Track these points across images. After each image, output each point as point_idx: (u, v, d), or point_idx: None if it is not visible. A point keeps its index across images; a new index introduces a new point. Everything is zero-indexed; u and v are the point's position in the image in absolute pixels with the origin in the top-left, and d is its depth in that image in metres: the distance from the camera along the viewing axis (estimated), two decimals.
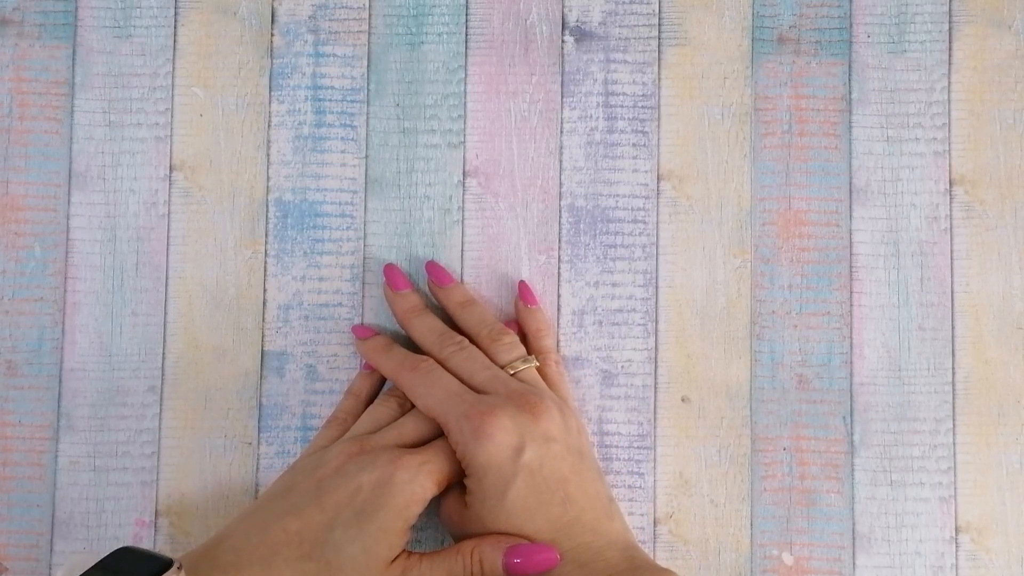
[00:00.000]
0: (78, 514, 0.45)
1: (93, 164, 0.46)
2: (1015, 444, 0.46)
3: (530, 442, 0.39)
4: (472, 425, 0.39)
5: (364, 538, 0.38)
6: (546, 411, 0.40)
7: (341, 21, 0.47)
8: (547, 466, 0.39)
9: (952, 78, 0.48)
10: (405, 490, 0.38)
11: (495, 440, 0.39)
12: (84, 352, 0.45)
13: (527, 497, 0.39)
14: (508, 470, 0.39)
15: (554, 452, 0.40)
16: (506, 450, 0.39)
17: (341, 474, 0.40)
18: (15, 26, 0.47)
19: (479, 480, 0.39)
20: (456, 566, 0.39)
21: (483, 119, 0.47)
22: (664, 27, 0.48)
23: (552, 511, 0.39)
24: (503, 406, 0.40)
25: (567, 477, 0.40)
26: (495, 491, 0.39)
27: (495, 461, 0.39)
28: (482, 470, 0.39)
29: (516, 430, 0.39)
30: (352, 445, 0.41)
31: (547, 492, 0.39)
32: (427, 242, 0.47)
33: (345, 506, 0.38)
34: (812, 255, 0.47)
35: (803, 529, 0.45)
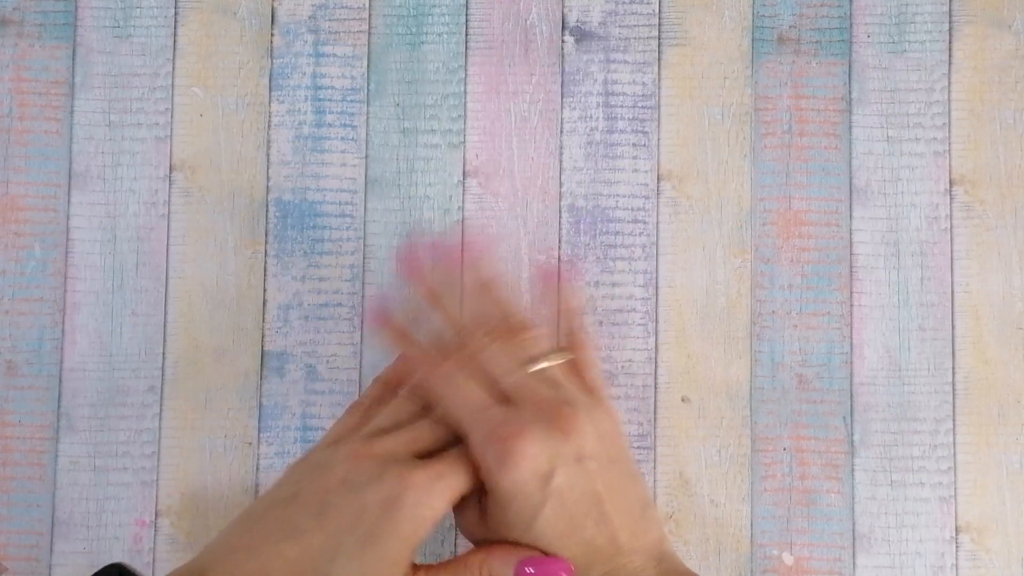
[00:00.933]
0: (78, 514, 0.45)
1: (93, 164, 0.46)
2: (1015, 444, 0.46)
3: (561, 466, 0.36)
4: (497, 450, 0.35)
5: (367, 568, 0.35)
6: (577, 427, 0.36)
7: (341, 21, 0.47)
8: (579, 488, 0.36)
9: (952, 78, 0.48)
10: (415, 514, 0.35)
11: (522, 468, 0.35)
12: (84, 352, 0.45)
13: (557, 524, 0.36)
14: (537, 498, 0.35)
15: (587, 471, 0.36)
16: (534, 478, 0.35)
17: (347, 488, 0.36)
18: (15, 26, 0.47)
19: (504, 507, 0.36)
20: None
21: (483, 119, 0.47)
22: (664, 27, 0.48)
23: (585, 535, 0.36)
24: (530, 427, 0.36)
25: (601, 496, 0.36)
26: (522, 519, 0.36)
27: (522, 489, 0.35)
28: (508, 497, 0.35)
29: (545, 454, 0.35)
30: (362, 448, 0.37)
31: (579, 516, 0.36)
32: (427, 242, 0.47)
33: (348, 531, 0.35)
34: (812, 255, 0.47)
35: (803, 529, 0.45)
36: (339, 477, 0.36)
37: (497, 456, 0.35)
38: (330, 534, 0.35)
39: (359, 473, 0.36)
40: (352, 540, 0.35)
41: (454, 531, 0.45)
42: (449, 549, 0.45)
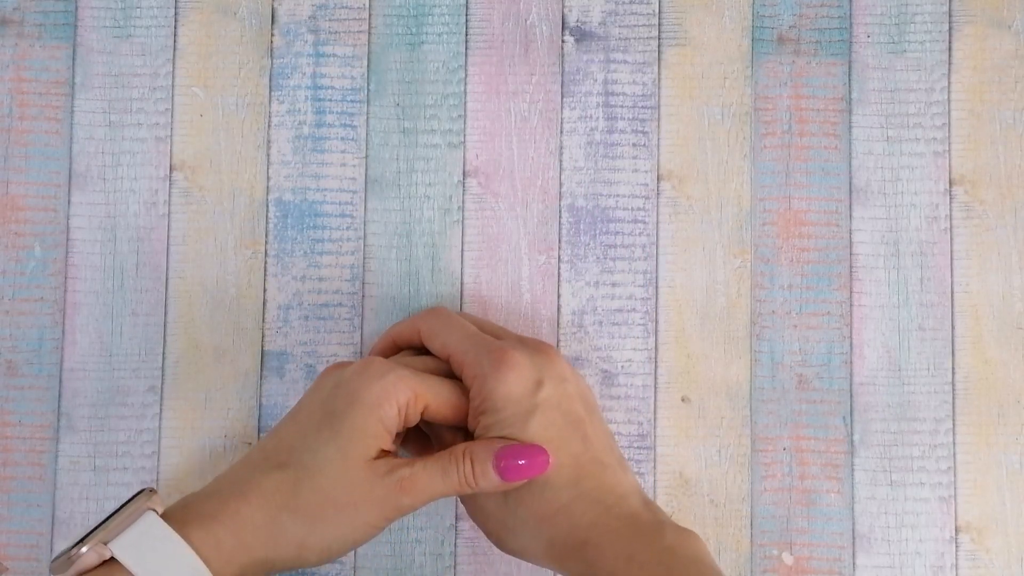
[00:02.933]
0: (78, 514, 0.45)
1: (93, 164, 0.46)
2: (1015, 444, 0.46)
3: (548, 379, 0.39)
4: (493, 358, 0.39)
5: (337, 438, 0.37)
6: (558, 356, 0.40)
7: (341, 21, 0.47)
8: (564, 405, 0.39)
9: (952, 78, 0.48)
10: (374, 386, 0.37)
11: (516, 372, 0.38)
12: (84, 352, 0.45)
13: (548, 428, 0.38)
14: (527, 403, 0.38)
15: (569, 392, 0.39)
16: (526, 383, 0.38)
17: (314, 388, 0.40)
18: (15, 26, 0.47)
19: (496, 413, 0.38)
20: (449, 467, 0.38)
21: (483, 119, 0.47)
22: (664, 27, 0.48)
23: (573, 447, 0.38)
24: (520, 347, 0.40)
25: (583, 418, 0.39)
26: (515, 421, 0.38)
27: (515, 393, 0.38)
28: (502, 401, 0.38)
29: (534, 367, 0.39)
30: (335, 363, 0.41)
31: (566, 428, 0.38)
32: (427, 242, 0.47)
33: (315, 411, 0.38)
34: (812, 255, 0.47)
35: (803, 529, 0.45)
36: (311, 387, 0.40)
37: (493, 362, 0.38)
38: (299, 419, 0.39)
39: (326, 377, 0.40)
40: (319, 415, 0.38)
41: (454, 531, 0.45)
42: (449, 549, 0.45)
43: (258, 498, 0.37)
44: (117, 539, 0.35)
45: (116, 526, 0.35)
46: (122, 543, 0.35)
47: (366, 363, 0.39)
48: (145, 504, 0.36)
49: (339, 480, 0.37)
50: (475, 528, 0.45)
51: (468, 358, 0.39)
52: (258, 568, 0.37)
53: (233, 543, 0.36)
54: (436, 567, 0.45)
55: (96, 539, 0.34)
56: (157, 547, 0.35)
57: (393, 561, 0.45)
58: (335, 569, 0.45)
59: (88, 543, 0.34)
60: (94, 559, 0.34)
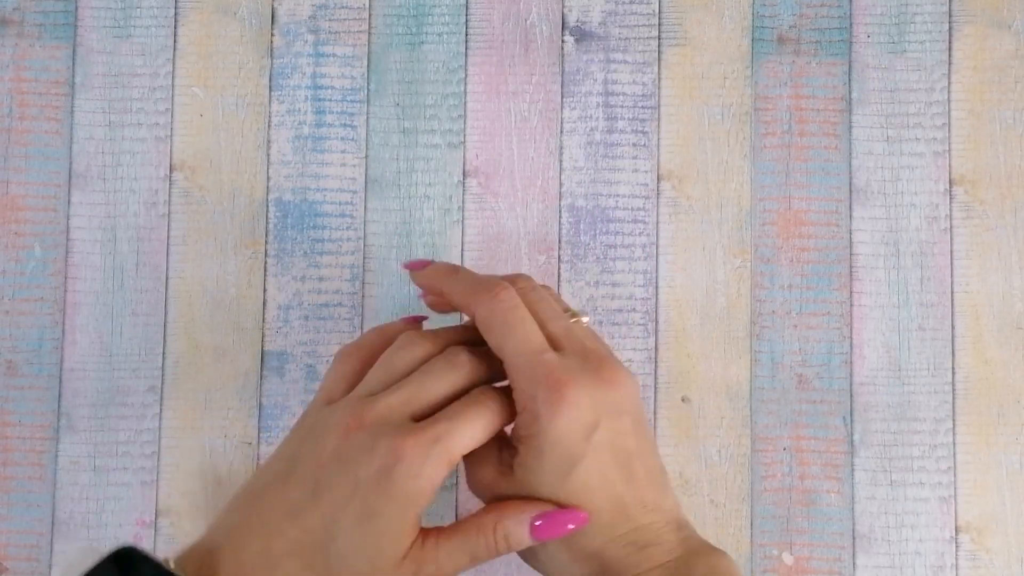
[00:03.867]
0: (78, 514, 0.45)
1: (93, 164, 0.46)
2: (1015, 444, 0.46)
3: (605, 418, 0.35)
4: (550, 395, 0.35)
5: (368, 543, 0.34)
6: (622, 380, 0.36)
7: (341, 21, 0.47)
8: (616, 444, 0.36)
9: (952, 78, 0.48)
10: (410, 486, 0.34)
11: (571, 416, 0.35)
12: (84, 352, 0.45)
13: (592, 477, 0.35)
14: (579, 448, 0.35)
15: (625, 428, 0.36)
16: (581, 427, 0.35)
17: (338, 462, 0.35)
18: (15, 26, 0.47)
19: (541, 453, 0.35)
20: (479, 546, 0.35)
21: (483, 119, 0.47)
22: (664, 27, 0.48)
23: (615, 490, 0.36)
24: (582, 376, 0.36)
25: (633, 454, 0.36)
26: (560, 467, 0.35)
27: (568, 437, 0.35)
28: (550, 444, 0.35)
29: (594, 405, 0.35)
30: (352, 418, 0.36)
31: (612, 471, 0.36)
32: (427, 242, 0.47)
33: (344, 507, 0.34)
34: (812, 255, 0.47)
35: (803, 529, 0.45)
36: (331, 451, 0.35)
37: (549, 401, 0.35)
38: (326, 513, 0.34)
39: (350, 447, 0.35)
40: (349, 517, 0.34)
41: None
42: None
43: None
44: None
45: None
46: None
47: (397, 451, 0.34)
48: None
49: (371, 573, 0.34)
50: None
51: (523, 383, 0.36)
52: None
53: None
54: None
55: None
56: None
57: None
58: None
59: None
60: None
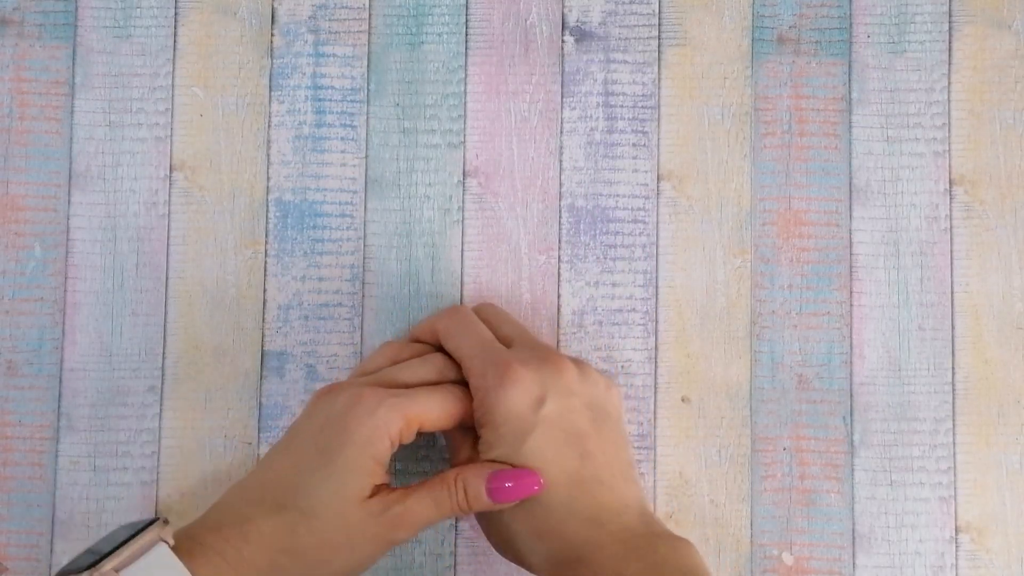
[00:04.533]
0: (78, 514, 0.45)
1: (93, 164, 0.46)
2: (1015, 444, 0.46)
3: (552, 395, 0.39)
4: (498, 371, 0.39)
5: (332, 478, 0.37)
6: (568, 368, 0.40)
7: (341, 21, 0.47)
8: (566, 419, 0.39)
9: (952, 78, 0.48)
10: (366, 423, 0.38)
11: (518, 388, 0.38)
12: (84, 352, 0.45)
13: (544, 448, 0.38)
14: (528, 420, 0.38)
15: (573, 406, 0.39)
16: (528, 399, 0.38)
17: (307, 416, 0.40)
18: (15, 26, 0.47)
19: (495, 428, 0.39)
20: (441, 496, 0.38)
21: (483, 119, 0.47)
22: (664, 27, 0.48)
23: (568, 464, 0.38)
24: (528, 358, 0.39)
25: (587, 432, 0.39)
26: (512, 440, 0.38)
27: (516, 410, 0.38)
28: (502, 418, 0.38)
29: (540, 382, 0.39)
30: (325, 387, 0.41)
31: (565, 445, 0.38)
32: (427, 242, 0.47)
33: (309, 447, 0.38)
34: (812, 255, 0.47)
35: (803, 529, 0.45)
36: (302, 413, 0.41)
37: (496, 375, 0.39)
38: (293, 453, 0.39)
39: (318, 405, 0.40)
40: (313, 453, 0.38)
41: (454, 530, 0.45)
42: (449, 549, 0.45)
43: (258, 539, 0.37)
44: (129, 568, 0.35)
45: (130, 555, 0.35)
46: (133, 572, 0.35)
47: (357, 396, 0.39)
48: (158, 535, 0.36)
49: (336, 522, 0.37)
50: (475, 528, 0.45)
51: (475, 367, 0.40)
52: None
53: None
54: (436, 567, 0.45)
55: (109, 565, 0.34)
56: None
57: (393, 561, 0.45)
58: None
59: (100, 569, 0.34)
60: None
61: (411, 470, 0.45)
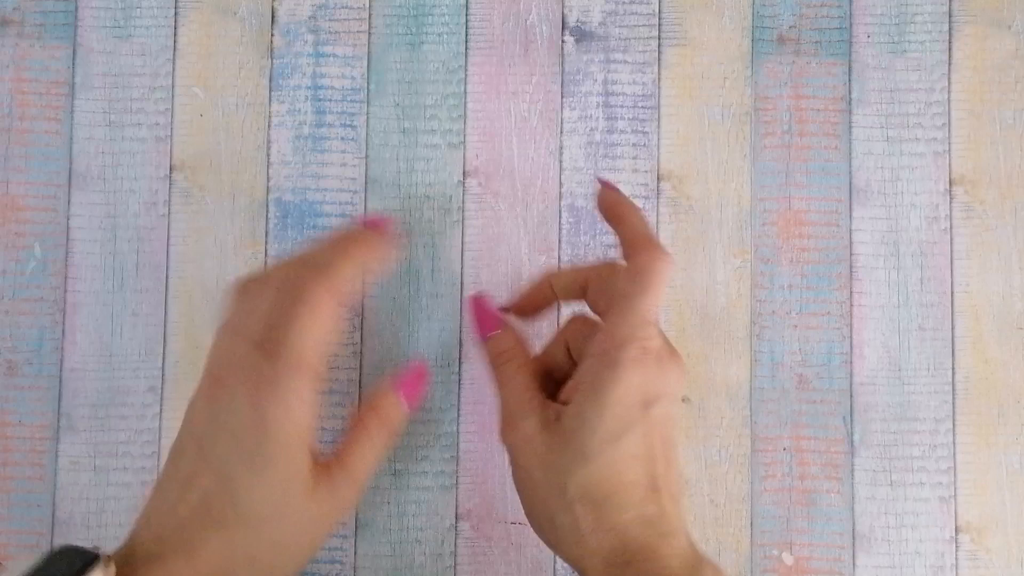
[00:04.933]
0: (78, 514, 0.45)
1: (93, 164, 0.46)
2: (1015, 444, 0.46)
3: (664, 396, 0.36)
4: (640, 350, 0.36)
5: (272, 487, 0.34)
6: (683, 370, 0.38)
7: (341, 21, 0.47)
8: (667, 427, 0.37)
9: (952, 78, 0.48)
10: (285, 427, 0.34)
11: (642, 377, 0.36)
12: (84, 352, 0.45)
13: (640, 447, 0.36)
14: (635, 415, 0.36)
15: (675, 417, 0.38)
16: (648, 392, 0.36)
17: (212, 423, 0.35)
18: (15, 26, 0.47)
19: (600, 411, 0.35)
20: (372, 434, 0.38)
21: (483, 119, 0.47)
22: (664, 27, 0.48)
23: (655, 469, 0.36)
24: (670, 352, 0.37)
25: (674, 444, 0.38)
26: (616, 427, 0.35)
27: (629, 400, 0.36)
28: (613, 402, 0.35)
29: (661, 378, 0.36)
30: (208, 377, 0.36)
31: (657, 449, 0.36)
32: (427, 242, 0.47)
33: (231, 460, 0.34)
34: (812, 255, 0.47)
35: (803, 529, 0.45)
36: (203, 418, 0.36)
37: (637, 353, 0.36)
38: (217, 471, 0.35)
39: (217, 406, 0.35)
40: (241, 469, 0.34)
41: (454, 531, 0.45)
42: (449, 549, 0.45)
43: (207, 560, 0.34)
44: None
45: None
46: None
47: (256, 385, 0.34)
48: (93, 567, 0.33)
49: (288, 523, 0.35)
50: (475, 528, 0.45)
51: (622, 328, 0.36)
52: None
53: None
54: (436, 567, 0.45)
55: None
56: None
57: (393, 561, 0.45)
58: (335, 569, 0.45)
59: None
60: None
61: (411, 470, 0.45)
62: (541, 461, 0.37)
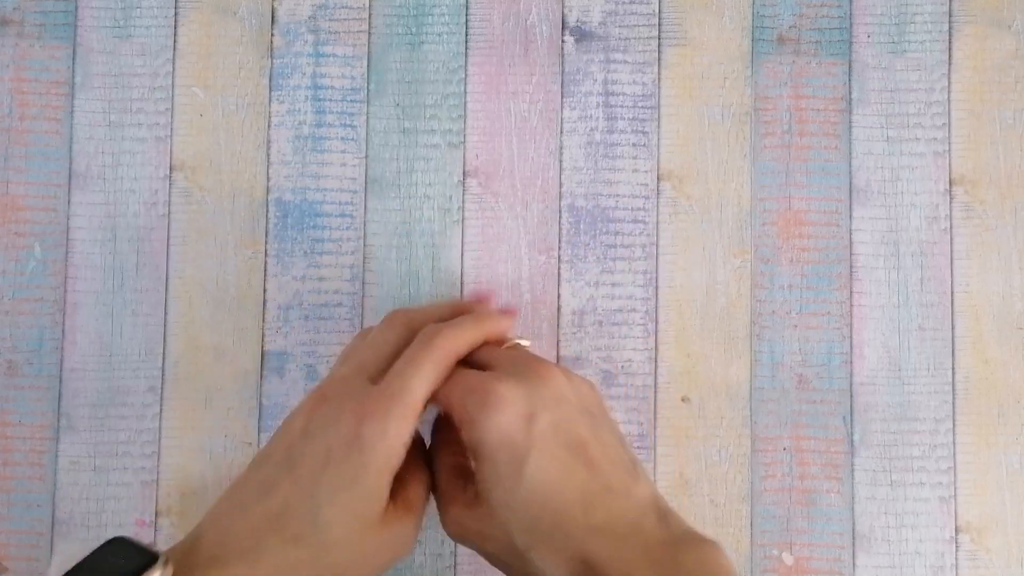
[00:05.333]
0: (78, 514, 0.45)
1: (93, 164, 0.46)
2: (1015, 444, 0.46)
3: (541, 408, 0.36)
4: (477, 398, 0.35)
5: (351, 508, 0.35)
6: (552, 374, 0.37)
7: (341, 21, 0.47)
8: (563, 431, 0.36)
9: (952, 78, 0.48)
10: (379, 449, 0.35)
11: (503, 411, 0.35)
12: (84, 352, 0.45)
13: (548, 470, 0.35)
14: (522, 443, 0.35)
15: (568, 415, 0.36)
16: (518, 419, 0.35)
17: (307, 436, 0.36)
18: (15, 26, 0.47)
19: (492, 461, 0.35)
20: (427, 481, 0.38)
21: (483, 119, 0.47)
22: (664, 27, 0.48)
23: (577, 478, 0.36)
24: (507, 376, 0.36)
25: (586, 439, 0.36)
26: (511, 469, 0.35)
27: (507, 435, 0.35)
28: (494, 447, 0.35)
29: (525, 397, 0.36)
30: (316, 394, 0.37)
31: (568, 459, 0.36)
32: (427, 242, 0.47)
33: (320, 476, 0.35)
34: (812, 255, 0.47)
35: (803, 529, 0.45)
36: (299, 428, 0.36)
37: (477, 403, 0.35)
38: (304, 485, 0.35)
39: (317, 420, 0.36)
40: (327, 485, 0.35)
41: None
42: (449, 549, 0.45)
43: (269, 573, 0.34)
44: None
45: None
46: None
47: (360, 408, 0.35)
48: None
49: (358, 549, 0.35)
50: None
51: (454, 401, 0.37)
52: None
53: None
54: (436, 567, 0.45)
55: None
56: None
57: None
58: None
59: None
60: None
61: None
62: (481, 536, 0.37)
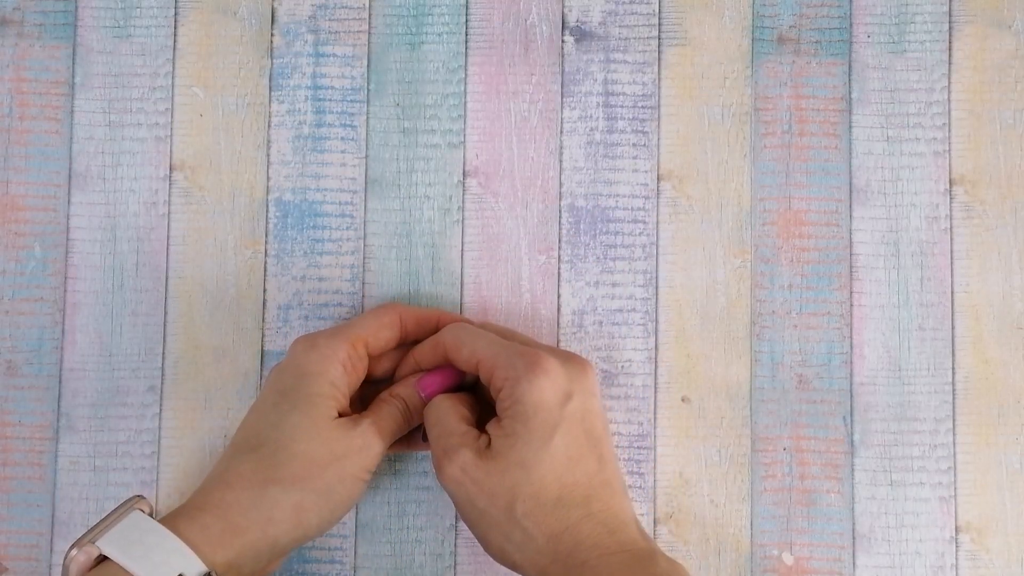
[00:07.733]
0: (78, 514, 0.45)
1: (93, 164, 0.46)
2: (1015, 444, 0.46)
3: (577, 392, 0.38)
4: (527, 361, 0.38)
5: (297, 409, 0.39)
6: (591, 368, 0.40)
7: (341, 21, 0.47)
8: (588, 420, 0.39)
9: (952, 78, 0.48)
10: (312, 356, 0.40)
11: (549, 378, 0.38)
12: (84, 352, 0.45)
13: (570, 446, 0.38)
14: (556, 414, 0.38)
15: (595, 409, 0.39)
16: (557, 392, 0.38)
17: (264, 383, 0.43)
18: (15, 26, 0.47)
19: (525, 419, 0.37)
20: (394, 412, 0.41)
21: (483, 119, 0.47)
22: (664, 27, 0.48)
23: (589, 466, 0.38)
24: (554, 354, 0.39)
25: (602, 437, 0.39)
26: (542, 433, 0.37)
27: (546, 401, 0.37)
28: (532, 408, 0.37)
29: (566, 376, 0.38)
30: None
31: (586, 446, 0.38)
32: (427, 242, 0.47)
33: (269, 396, 0.40)
34: (812, 255, 0.47)
35: (803, 529, 0.45)
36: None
37: (527, 367, 0.38)
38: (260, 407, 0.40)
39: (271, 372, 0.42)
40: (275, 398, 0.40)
41: (454, 531, 0.45)
42: (449, 549, 0.45)
43: (239, 481, 0.38)
44: (103, 536, 0.36)
45: (104, 526, 0.36)
46: (108, 539, 0.36)
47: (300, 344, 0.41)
48: (133, 506, 0.37)
49: (314, 441, 0.38)
50: None
51: (500, 360, 0.39)
52: (259, 547, 0.37)
53: (222, 527, 0.37)
54: (436, 567, 0.45)
55: (84, 540, 0.36)
56: (142, 539, 0.36)
57: (393, 561, 0.45)
58: (335, 569, 0.45)
59: (77, 546, 0.35)
60: (84, 559, 0.35)
61: (411, 470, 0.45)
62: (482, 489, 0.38)
